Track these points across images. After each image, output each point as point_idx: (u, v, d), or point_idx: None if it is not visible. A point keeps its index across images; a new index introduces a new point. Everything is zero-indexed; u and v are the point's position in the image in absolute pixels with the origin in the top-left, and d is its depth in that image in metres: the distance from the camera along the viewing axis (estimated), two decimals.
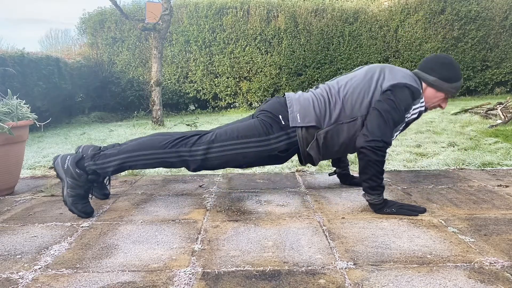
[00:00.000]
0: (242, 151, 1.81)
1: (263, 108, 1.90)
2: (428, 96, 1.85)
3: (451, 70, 1.81)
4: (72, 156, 1.81)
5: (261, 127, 1.82)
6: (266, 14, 8.42)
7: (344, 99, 1.82)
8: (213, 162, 1.82)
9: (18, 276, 1.27)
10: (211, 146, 1.80)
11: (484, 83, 8.75)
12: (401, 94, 1.75)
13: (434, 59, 1.86)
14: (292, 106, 1.85)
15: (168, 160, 1.81)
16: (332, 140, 1.83)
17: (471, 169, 2.59)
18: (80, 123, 6.84)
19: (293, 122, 1.82)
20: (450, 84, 1.81)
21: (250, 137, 1.81)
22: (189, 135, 1.84)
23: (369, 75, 1.85)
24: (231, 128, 1.85)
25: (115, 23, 8.35)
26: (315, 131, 1.82)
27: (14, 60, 5.29)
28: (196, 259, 1.36)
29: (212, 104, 8.65)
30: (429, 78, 1.82)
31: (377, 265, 1.30)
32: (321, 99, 1.85)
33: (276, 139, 1.82)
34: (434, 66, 1.82)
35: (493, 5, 8.54)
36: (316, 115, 1.82)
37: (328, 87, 1.90)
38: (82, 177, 1.78)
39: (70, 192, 1.76)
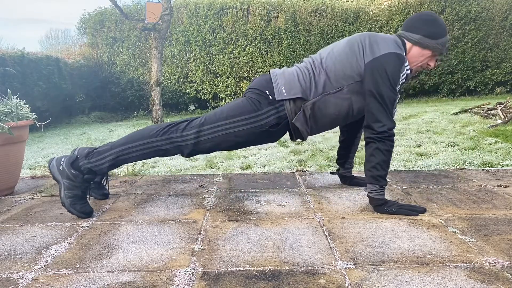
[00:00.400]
0: (233, 130, 1.80)
1: (250, 86, 1.90)
2: (414, 55, 1.82)
3: (435, 26, 1.78)
4: (66, 158, 1.81)
5: (249, 104, 1.82)
6: (266, 14, 8.42)
7: (328, 69, 1.80)
8: (206, 144, 1.82)
9: (18, 276, 1.27)
10: (202, 129, 1.79)
11: (484, 83, 8.75)
12: (389, 66, 1.72)
13: (416, 16, 1.83)
14: (277, 80, 1.84)
15: (161, 148, 1.81)
16: (320, 111, 1.82)
17: (471, 169, 2.59)
18: (80, 123, 6.84)
19: (279, 96, 1.80)
20: (436, 40, 1.78)
21: (239, 115, 1.80)
22: (178, 122, 1.84)
23: (349, 44, 1.82)
24: (220, 110, 1.85)
25: (115, 23, 8.35)
26: (302, 102, 1.80)
27: (14, 60, 5.29)
28: (196, 259, 1.36)
29: (212, 104, 8.65)
30: (414, 36, 1.79)
31: (377, 265, 1.30)
32: (305, 71, 1.84)
33: (265, 114, 1.81)
34: (417, 24, 1.79)
35: (493, 5, 8.54)
36: (302, 87, 1.81)
37: (312, 59, 1.89)
38: (78, 178, 1.78)
39: (67, 193, 1.76)
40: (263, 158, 3.33)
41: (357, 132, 2.15)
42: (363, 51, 1.77)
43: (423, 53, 1.81)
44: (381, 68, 1.72)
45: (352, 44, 1.81)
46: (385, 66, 1.72)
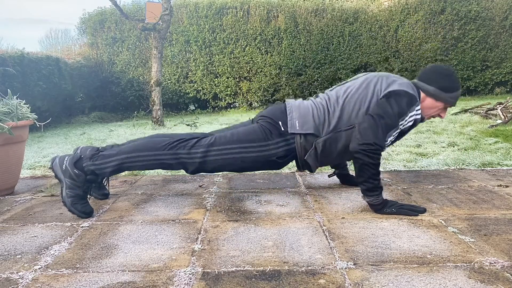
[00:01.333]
0: (241, 156, 1.82)
1: (264, 114, 1.92)
2: (427, 106, 1.86)
3: (450, 80, 1.83)
4: (70, 157, 1.81)
5: (260, 132, 1.84)
6: (266, 14, 8.42)
7: (342, 107, 1.84)
8: (211, 165, 1.83)
9: (18, 276, 1.27)
10: (210, 149, 1.81)
11: (484, 83, 8.75)
12: (396, 99, 1.76)
13: (433, 69, 1.87)
14: (292, 113, 1.86)
15: (166, 162, 1.81)
16: (330, 147, 1.85)
17: (471, 169, 2.59)
18: (80, 123, 6.84)
19: (292, 129, 1.83)
20: (449, 94, 1.83)
21: (249, 141, 1.82)
22: (188, 138, 1.84)
23: (366, 83, 1.86)
24: (230, 132, 1.86)
25: (115, 23, 8.34)
26: (313, 139, 1.84)
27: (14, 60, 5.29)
28: (196, 259, 1.36)
29: (212, 104, 8.65)
30: (429, 88, 1.83)
31: (377, 265, 1.30)
32: (320, 108, 1.87)
33: (275, 145, 1.83)
34: (433, 76, 1.84)
35: (493, 5, 8.53)
36: (315, 123, 1.84)
37: (328, 96, 1.92)
38: (81, 178, 1.78)
39: (69, 192, 1.76)
40: None
41: None
42: (379, 90, 1.81)
43: (436, 105, 1.86)
44: (390, 99, 1.76)
45: (368, 85, 1.85)
46: (395, 97, 1.76)
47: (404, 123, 1.79)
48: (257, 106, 8.70)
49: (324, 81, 8.55)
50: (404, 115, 1.77)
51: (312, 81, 8.56)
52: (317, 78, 8.54)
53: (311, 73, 8.52)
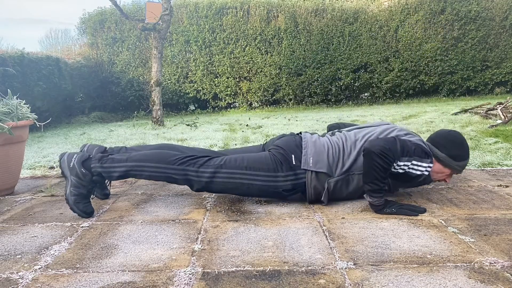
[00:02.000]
0: (248, 182, 1.82)
1: (277, 144, 1.91)
2: (435, 170, 1.85)
3: (461, 149, 1.84)
4: (78, 155, 1.81)
5: (271, 163, 1.83)
6: (266, 14, 8.42)
7: (359, 151, 1.83)
8: (217, 186, 1.83)
9: (18, 276, 1.27)
10: (219, 171, 1.80)
11: (484, 83, 8.75)
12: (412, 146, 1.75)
13: (446, 136, 1.86)
14: (307, 148, 1.86)
15: (173, 177, 1.82)
16: (341, 189, 1.86)
17: (471, 169, 2.59)
18: (80, 123, 6.84)
19: (305, 165, 1.82)
20: (458, 163, 1.83)
21: (258, 170, 1.82)
22: (199, 156, 1.85)
23: (385, 134, 1.87)
24: (241, 157, 1.86)
25: (115, 23, 8.34)
26: (325, 178, 1.83)
27: (14, 60, 5.28)
28: (196, 259, 1.36)
29: (212, 104, 8.65)
30: (439, 154, 1.83)
31: (377, 265, 1.30)
32: (336, 148, 1.86)
33: (284, 177, 1.82)
34: (445, 143, 1.84)
35: (493, 5, 8.53)
36: (329, 163, 1.83)
37: (345, 136, 1.91)
38: (87, 177, 1.78)
39: (73, 191, 1.76)
40: None
41: None
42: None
43: (444, 171, 1.86)
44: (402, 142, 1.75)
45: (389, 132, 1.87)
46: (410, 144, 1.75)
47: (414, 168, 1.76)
48: (257, 106, 8.70)
49: (324, 81, 8.56)
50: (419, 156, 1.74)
51: (312, 81, 8.56)
52: (317, 78, 8.53)
53: (311, 73, 8.52)
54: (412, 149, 1.74)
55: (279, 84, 8.52)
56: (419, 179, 1.82)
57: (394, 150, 1.70)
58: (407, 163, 1.74)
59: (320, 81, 8.55)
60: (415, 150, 1.74)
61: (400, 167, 1.75)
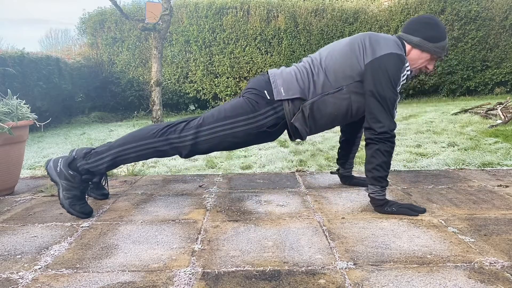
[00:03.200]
0: (231, 131, 1.79)
1: (248, 86, 1.89)
2: (413, 58, 1.82)
3: (435, 29, 1.78)
4: (63, 159, 1.80)
5: (247, 105, 1.80)
6: (266, 14, 8.42)
7: (327, 69, 1.80)
8: (204, 145, 1.81)
9: (18, 276, 1.27)
10: (200, 129, 1.79)
11: (484, 83, 8.75)
12: (390, 66, 1.71)
13: (417, 19, 1.82)
14: (276, 81, 1.83)
15: (160, 149, 1.80)
16: (319, 111, 1.81)
17: (471, 169, 2.59)
18: (80, 123, 6.84)
19: (278, 96, 1.80)
20: (435, 44, 1.78)
21: (237, 116, 1.79)
22: (176, 122, 1.83)
23: (350, 46, 1.81)
24: (217, 110, 1.84)
25: (115, 23, 8.34)
26: (301, 103, 1.80)
27: (14, 60, 5.28)
28: (196, 259, 1.36)
29: (212, 104, 8.65)
30: (413, 39, 1.79)
31: (377, 265, 1.30)
32: (303, 71, 1.83)
33: (264, 115, 1.80)
34: (417, 27, 1.79)
35: (493, 5, 8.53)
36: (300, 87, 1.80)
37: (311, 59, 1.88)
38: (76, 178, 1.77)
39: (66, 194, 1.76)
40: (263, 158, 3.33)
41: (358, 132, 2.15)
42: (363, 51, 1.76)
43: (422, 56, 1.82)
44: (382, 68, 1.71)
45: (353, 44, 1.80)
46: (386, 66, 1.71)
47: (400, 87, 1.78)
48: None
49: None
50: (399, 81, 1.74)
51: None
52: None
53: None
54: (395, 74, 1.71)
55: None
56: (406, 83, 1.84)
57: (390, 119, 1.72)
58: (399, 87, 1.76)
59: None
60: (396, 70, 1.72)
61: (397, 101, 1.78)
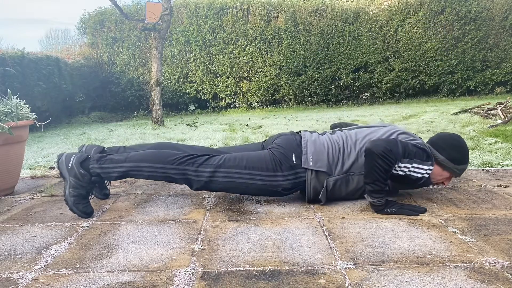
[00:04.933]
0: (247, 181, 1.81)
1: (277, 143, 1.90)
2: (434, 172, 1.84)
3: (461, 152, 1.84)
4: (77, 156, 1.80)
5: (270, 162, 1.82)
6: (266, 14, 8.42)
7: (360, 151, 1.83)
8: (216, 185, 1.83)
9: (18, 276, 1.27)
10: (218, 170, 1.80)
11: (484, 83, 8.75)
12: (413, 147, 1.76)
13: (447, 139, 1.87)
14: (307, 147, 1.85)
15: (172, 176, 1.81)
16: (340, 188, 1.86)
17: (471, 169, 2.59)
18: (80, 123, 6.84)
19: (305, 164, 1.82)
20: (457, 166, 1.84)
21: (257, 169, 1.81)
22: (198, 154, 1.84)
23: (388, 134, 1.87)
24: (240, 156, 1.85)
25: (115, 23, 8.34)
26: (325, 177, 1.83)
27: (14, 60, 5.28)
28: (196, 259, 1.36)
29: (212, 104, 8.65)
30: (439, 156, 1.83)
31: (377, 265, 1.30)
32: (336, 147, 1.86)
33: (284, 177, 1.82)
34: (445, 146, 1.84)
35: (493, 5, 8.53)
36: (329, 162, 1.83)
37: (346, 136, 1.90)
38: (86, 178, 1.77)
39: (72, 191, 1.76)
40: None
41: None
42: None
43: (443, 174, 1.86)
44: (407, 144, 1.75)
45: (390, 134, 1.87)
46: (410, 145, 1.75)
47: (415, 171, 1.76)
48: (257, 106, 8.70)
49: (324, 81, 8.56)
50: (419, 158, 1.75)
51: (312, 81, 8.56)
52: (317, 78, 8.53)
53: (311, 73, 8.52)
54: (414, 152, 1.74)
55: (279, 84, 8.52)
56: (419, 181, 1.82)
57: (396, 151, 1.70)
58: (408, 165, 1.74)
59: (320, 81, 8.54)
60: (416, 153, 1.74)
61: (400, 168, 1.75)
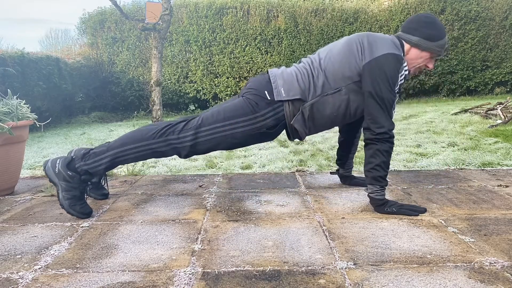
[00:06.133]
0: (231, 132, 1.79)
1: (248, 86, 1.88)
2: (412, 57, 1.81)
3: (434, 28, 1.78)
4: (61, 159, 1.79)
5: (247, 106, 1.80)
6: (266, 14, 8.42)
7: (326, 70, 1.80)
8: (203, 146, 1.80)
9: (18, 276, 1.27)
10: (199, 130, 1.78)
11: (484, 83, 8.75)
12: (388, 67, 1.71)
13: (415, 18, 1.82)
14: (276, 81, 1.82)
15: (159, 150, 1.79)
16: (318, 112, 1.81)
17: (471, 169, 2.59)
18: (80, 123, 6.84)
19: (278, 97, 1.79)
20: (434, 43, 1.77)
21: (237, 117, 1.78)
22: (175, 122, 1.82)
23: (347, 46, 1.81)
24: (217, 110, 1.83)
25: (115, 23, 8.34)
26: (301, 104, 1.80)
27: (14, 60, 5.28)
28: (196, 259, 1.36)
29: (212, 104, 8.65)
30: (412, 38, 1.78)
31: (377, 265, 1.30)
32: (304, 72, 1.83)
33: (263, 116, 1.79)
34: (416, 26, 1.78)
35: (493, 5, 8.53)
36: (301, 88, 1.80)
37: (310, 60, 1.87)
38: (75, 179, 1.76)
39: (65, 195, 1.75)
40: (263, 158, 3.33)
41: (356, 132, 2.15)
42: (361, 52, 1.76)
43: (422, 55, 1.81)
44: (380, 69, 1.71)
45: (351, 44, 1.80)
46: (384, 67, 1.71)
47: (398, 87, 1.78)
48: None
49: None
50: (396, 81, 1.74)
51: None
52: None
53: None
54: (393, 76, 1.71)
55: None
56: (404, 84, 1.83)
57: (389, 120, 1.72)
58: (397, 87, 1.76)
59: None
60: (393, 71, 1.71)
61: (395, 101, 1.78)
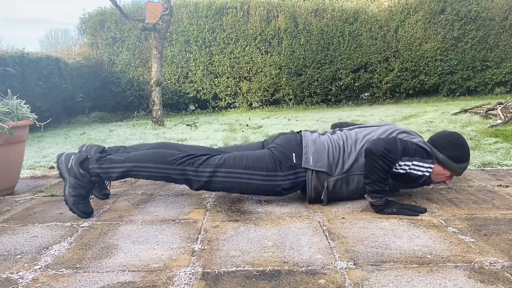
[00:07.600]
0: (246, 181, 1.81)
1: (278, 142, 1.89)
2: (435, 171, 1.84)
3: (462, 151, 1.84)
4: (76, 156, 1.80)
5: (270, 161, 1.81)
6: (266, 14, 8.42)
7: (360, 151, 1.83)
8: (216, 185, 1.83)
9: (18, 276, 1.27)
10: (218, 170, 1.79)
11: (484, 83, 8.75)
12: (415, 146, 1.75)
13: (447, 137, 1.86)
14: (308, 146, 1.85)
15: (172, 176, 1.81)
16: (341, 188, 1.85)
17: (471, 169, 2.59)
18: (80, 123, 6.84)
19: (305, 164, 1.82)
20: (458, 165, 1.83)
21: (257, 169, 1.80)
22: (198, 154, 1.83)
23: (386, 135, 1.86)
24: (240, 155, 1.84)
25: (115, 23, 8.34)
26: (325, 177, 1.82)
27: (14, 60, 5.28)
28: (196, 259, 1.36)
29: (212, 104, 8.65)
30: (439, 155, 1.83)
31: (377, 265, 1.30)
32: (336, 147, 1.85)
33: (284, 177, 1.81)
34: (445, 145, 1.83)
35: (493, 5, 8.53)
36: (329, 162, 1.82)
37: (346, 135, 1.90)
38: (85, 178, 1.77)
39: (72, 192, 1.76)
40: None
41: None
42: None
43: (443, 172, 1.86)
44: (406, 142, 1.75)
45: (390, 133, 1.86)
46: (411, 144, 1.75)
47: (415, 168, 1.76)
48: (257, 106, 8.70)
49: (324, 81, 8.56)
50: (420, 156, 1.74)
51: (312, 81, 8.56)
52: (317, 78, 8.53)
53: (311, 73, 8.52)
54: (413, 149, 1.74)
55: (279, 84, 8.52)
56: (419, 180, 1.82)
57: (395, 150, 1.70)
58: (408, 163, 1.74)
59: (320, 81, 8.54)
60: (416, 151, 1.74)
61: (401, 167, 1.75)
